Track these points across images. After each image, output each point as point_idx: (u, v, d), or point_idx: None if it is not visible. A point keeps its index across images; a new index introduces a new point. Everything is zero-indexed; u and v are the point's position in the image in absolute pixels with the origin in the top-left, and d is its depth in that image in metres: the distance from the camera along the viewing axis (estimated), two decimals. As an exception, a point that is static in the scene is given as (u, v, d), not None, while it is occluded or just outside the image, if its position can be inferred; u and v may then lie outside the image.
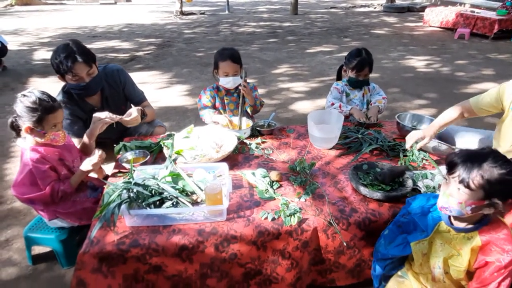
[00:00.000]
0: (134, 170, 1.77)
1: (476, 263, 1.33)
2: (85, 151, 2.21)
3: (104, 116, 2.12)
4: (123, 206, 1.53)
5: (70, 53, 2.13)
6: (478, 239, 1.33)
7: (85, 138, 2.18)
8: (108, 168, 2.12)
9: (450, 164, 1.31)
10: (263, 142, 2.35)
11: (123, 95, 2.57)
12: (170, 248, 1.50)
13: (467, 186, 1.25)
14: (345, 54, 2.82)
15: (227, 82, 2.59)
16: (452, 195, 1.30)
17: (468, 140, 2.38)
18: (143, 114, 2.38)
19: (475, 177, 1.23)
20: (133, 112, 2.26)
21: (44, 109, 1.80)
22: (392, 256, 1.58)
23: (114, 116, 2.14)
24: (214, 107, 2.75)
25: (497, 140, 2.11)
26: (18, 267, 2.30)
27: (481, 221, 1.34)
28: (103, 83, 2.40)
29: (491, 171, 1.22)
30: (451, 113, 2.18)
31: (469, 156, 1.27)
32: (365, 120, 2.58)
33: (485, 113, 2.09)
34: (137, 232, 1.55)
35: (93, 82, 2.27)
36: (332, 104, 2.80)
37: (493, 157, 1.25)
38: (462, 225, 1.37)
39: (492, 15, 9.01)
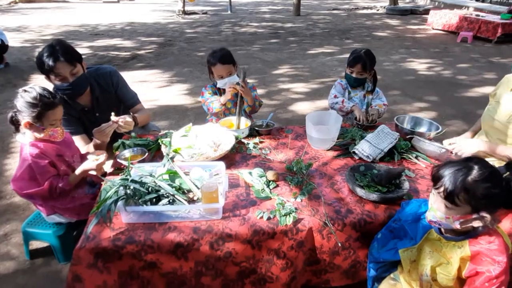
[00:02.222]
0: (131, 167, 1.79)
1: (467, 271, 1.33)
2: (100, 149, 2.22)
3: (103, 130, 2.13)
4: (120, 203, 1.54)
5: (53, 52, 2.13)
6: (467, 249, 1.32)
7: (97, 141, 2.20)
8: (107, 165, 2.13)
9: (435, 178, 1.30)
10: (261, 142, 2.35)
11: (115, 96, 2.56)
12: (165, 245, 1.51)
13: (453, 202, 1.25)
14: (346, 55, 2.84)
15: (223, 83, 2.62)
16: (439, 210, 1.30)
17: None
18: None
19: (460, 193, 1.22)
20: (126, 117, 2.25)
21: (44, 105, 1.81)
22: (384, 260, 1.59)
23: (111, 122, 2.15)
24: None
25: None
26: (16, 261, 2.31)
27: (471, 231, 1.33)
28: (89, 83, 2.39)
29: (476, 185, 1.21)
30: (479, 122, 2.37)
31: (453, 170, 1.25)
32: (364, 119, 2.59)
33: None
34: (133, 228, 1.56)
35: (77, 82, 2.25)
36: (335, 96, 2.83)
37: (478, 169, 1.23)
38: (452, 234, 1.37)
39: (496, 19, 9.00)
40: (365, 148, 2.14)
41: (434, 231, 1.44)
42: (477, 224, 1.28)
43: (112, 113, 2.16)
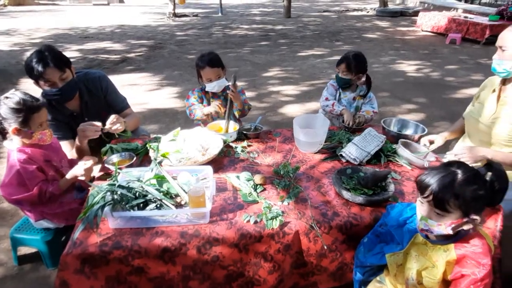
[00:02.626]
0: (119, 173, 1.79)
1: (452, 274, 1.35)
2: (80, 156, 2.21)
3: (86, 129, 2.11)
4: (107, 208, 1.55)
5: (42, 58, 2.12)
6: (453, 253, 1.35)
7: (77, 143, 2.19)
8: (95, 170, 2.13)
9: (421, 187, 1.31)
10: (249, 146, 2.37)
11: (104, 101, 2.56)
12: (153, 250, 1.51)
13: (444, 209, 1.27)
14: (337, 57, 2.88)
15: (212, 87, 2.64)
16: (430, 218, 1.32)
17: None
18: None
19: (450, 199, 1.24)
20: (112, 117, 2.23)
21: (28, 108, 1.81)
22: (370, 264, 1.61)
23: (98, 126, 2.13)
24: None
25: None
26: (4, 267, 2.30)
27: (457, 234, 1.35)
28: (78, 88, 2.38)
29: (464, 190, 1.23)
30: (456, 125, 2.50)
31: (439, 177, 1.27)
32: (352, 123, 2.62)
33: None
34: (120, 234, 1.57)
35: (66, 87, 2.24)
36: (327, 99, 2.86)
37: (462, 173, 1.26)
38: (438, 237, 1.39)
39: (484, 20, 9.13)
40: (352, 151, 2.17)
41: (420, 235, 1.46)
42: (467, 226, 1.31)
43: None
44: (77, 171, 1.97)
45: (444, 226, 1.29)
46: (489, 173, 1.30)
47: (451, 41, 9.39)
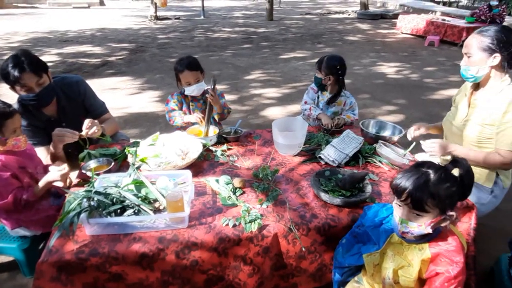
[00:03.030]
0: (95, 179, 1.77)
1: (427, 272, 1.39)
2: (55, 162, 2.17)
3: (64, 135, 2.08)
4: (83, 215, 1.53)
5: (18, 63, 2.09)
6: (428, 252, 1.38)
7: (52, 149, 2.15)
8: (73, 176, 2.10)
9: (398, 192, 1.34)
10: (229, 149, 2.37)
11: (82, 106, 2.53)
12: (130, 256, 1.50)
13: (423, 210, 1.30)
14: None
15: (191, 90, 2.65)
16: (410, 220, 1.35)
17: None
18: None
19: (428, 199, 1.28)
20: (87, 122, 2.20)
21: (1, 115, 1.78)
22: (348, 265, 1.63)
23: (74, 133, 2.09)
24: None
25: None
26: (-21, 277, 2.24)
27: (431, 233, 1.38)
28: (56, 93, 2.35)
29: (438, 189, 1.27)
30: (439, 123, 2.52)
31: (414, 179, 1.30)
32: (331, 126, 2.65)
33: None
34: (97, 240, 1.55)
35: (43, 92, 2.21)
36: (305, 102, 2.93)
37: (434, 172, 1.30)
38: (411, 236, 1.42)
39: (461, 23, 9.34)
40: (331, 153, 2.20)
41: (396, 235, 1.48)
42: (444, 223, 1.35)
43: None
44: (51, 176, 1.93)
45: (424, 226, 1.33)
46: (456, 169, 1.34)
47: (430, 43, 9.59)
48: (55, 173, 1.92)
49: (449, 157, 2.13)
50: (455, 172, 1.33)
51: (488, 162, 2.03)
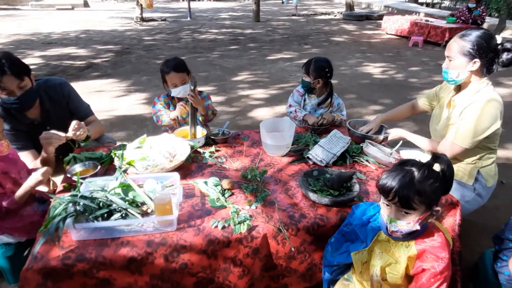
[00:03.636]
0: (81, 183, 1.74)
1: (414, 269, 1.41)
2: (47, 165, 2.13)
3: (51, 137, 2.03)
4: (69, 220, 1.50)
5: None
6: (414, 249, 1.40)
7: (44, 154, 2.10)
8: (58, 181, 2.06)
9: (384, 191, 1.36)
10: (217, 151, 2.36)
11: (67, 109, 2.49)
12: (118, 261, 1.48)
13: (411, 208, 1.32)
14: (305, 60, 2.90)
15: (178, 92, 2.63)
16: (398, 219, 1.36)
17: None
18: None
19: (414, 196, 1.29)
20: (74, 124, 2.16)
21: None
22: (338, 263, 1.64)
23: (61, 135, 2.06)
24: None
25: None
26: (-39, 287, 2.18)
27: (417, 231, 1.41)
28: (38, 96, 2.31)
29: (423, 186, 1.29)
30: (399, 108, 2.78)
31: (399, 178, 1.31)
32: (319, 122, 2.67)
33: (424, 106, 2.60)
34: (84, 246, 1.52)
35: (25, 96, 2.17)
36: (290, 105, 2.94)
37: (417, 169, 1.32)
38: (399, 234, 1.44)
39: (444, 24, 9.52)
40: (319, 153, 2.21)
41: (383, 233, 1.50)
42: (431, 218, 1.37)
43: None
44: (32, 181, 1.88)
45: (412, 223, 1.35)
46: (437, 165, 1.37)
47: (414, 43, 9.73)
48: (35, 176, 1.87)
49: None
50: (437, 167, 1.36)
51: (429, 149, 2.22)
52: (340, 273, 1.71)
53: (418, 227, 1.36)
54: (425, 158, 2.22)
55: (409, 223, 1.35)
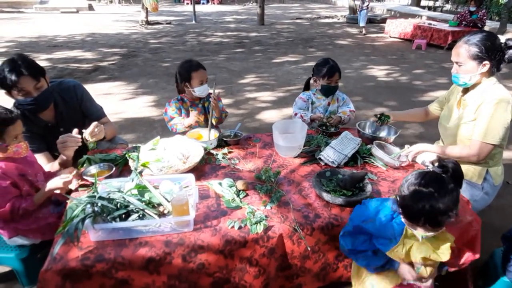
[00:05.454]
0: (98, 184, 1.76)
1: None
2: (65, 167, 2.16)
3: (66, 141, 2.06)
4: (87, 221, 1.52)
5: (15, 67, 2.07)
6: (448, 235, 1.50)
7: (63, 157, 2.13)
8: (72, 183, 2.08)
9: (414, 217, 1.41)
10: (229, 152, 2.38)
11: (80, 111, 2.52)
12: (137, 261, 1.50)
13: (440, 226, 1.40)
14: (311, 63, 2.95)
15: (202, 90, 2.67)
16: (427, 233, 1.42)
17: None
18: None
19: (442, 217, 1.35)
20: (94, 125, 2.20)
21: (3, 121, 1.75)
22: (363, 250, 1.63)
23: (77, 137, 2.08)
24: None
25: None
26: (-24, 288, 2.20)
27: None
28: (54, 97, 2.34)
29: (448, 202, 1.33)
30: (410, 111, 2.86)
31: (425, 203, 1.34)
32: (325, 121, 2.73)
33: (435, 111, 2.58)
34: (102, 246, 1.54)
35: (42, 97, 2.20)
36: (295, 114, 2.94)
37: (438, 188, 1.35)
38: None
39: (446, 27, 9.54)
40: (330, 154, 2.22)
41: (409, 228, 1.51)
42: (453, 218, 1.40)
43: (75, 131, 2.11)
44: (55, 184, 1.91)
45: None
46: (440, 170, 1.41)
47: (417, 46, 9.76)
48: (58, 181, 1.90)
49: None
50: (444, 173, 1.40)
51: (462, 156, 2.13)
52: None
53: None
54: (432, 158, 2.26)
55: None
